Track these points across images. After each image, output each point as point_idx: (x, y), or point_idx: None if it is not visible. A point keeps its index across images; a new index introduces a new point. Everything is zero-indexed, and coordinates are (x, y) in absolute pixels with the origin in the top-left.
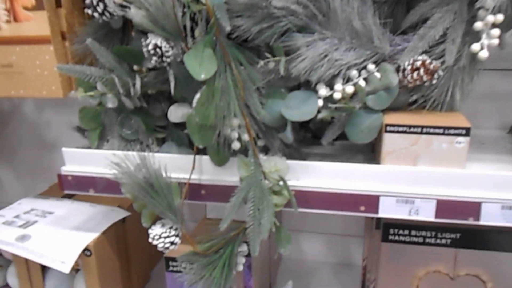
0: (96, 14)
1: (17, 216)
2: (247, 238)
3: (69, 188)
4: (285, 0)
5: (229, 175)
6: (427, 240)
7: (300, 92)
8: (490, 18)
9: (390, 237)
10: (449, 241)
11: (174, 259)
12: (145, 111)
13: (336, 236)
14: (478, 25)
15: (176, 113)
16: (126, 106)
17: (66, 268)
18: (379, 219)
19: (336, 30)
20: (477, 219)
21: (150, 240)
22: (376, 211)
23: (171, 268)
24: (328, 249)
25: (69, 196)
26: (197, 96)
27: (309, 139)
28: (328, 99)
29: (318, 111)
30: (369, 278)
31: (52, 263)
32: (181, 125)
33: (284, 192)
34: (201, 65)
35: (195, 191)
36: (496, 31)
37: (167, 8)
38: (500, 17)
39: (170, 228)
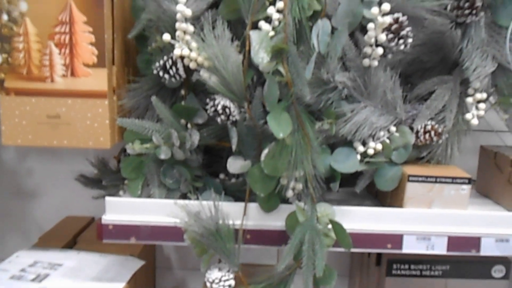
0: (166, 76)
1: (23, 270)
2: None
3: (109, 237)
4: (343, 76)
5: (274, 221)
6: (423, 272)
7: (343, 148)
8: (478, 96)
9: (394, 272)
10: (440, 272)
11: None
12: (184, 162)
13: None
14: (469, 100)
15: (234, 165)
16: (176, 158)
17: None
18: (379, 256)
19: (373, 100)
20: (478, 250)
21: (208, 284)
22: (400, 247)
23: None
24: None
25: (70, 246)
26: (265, 151)
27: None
28: (362, 154)
29: None
30: None
31: None
32: (215, 174)
33: (331, 234)
34: (280, 125)
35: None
36: (482, 105)
37: (239, 75)
38: (484, 95)
39: (228, 271)
